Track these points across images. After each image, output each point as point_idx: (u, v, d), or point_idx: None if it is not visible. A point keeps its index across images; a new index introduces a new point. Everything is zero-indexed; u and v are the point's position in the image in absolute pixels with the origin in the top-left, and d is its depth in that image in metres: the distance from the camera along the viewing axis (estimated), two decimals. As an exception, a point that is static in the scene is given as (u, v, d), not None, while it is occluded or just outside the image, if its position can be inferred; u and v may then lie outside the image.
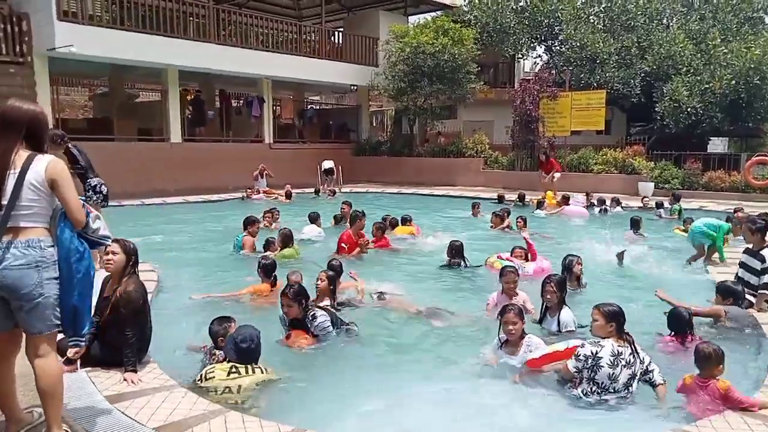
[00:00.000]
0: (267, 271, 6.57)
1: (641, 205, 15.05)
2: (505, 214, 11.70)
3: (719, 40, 20.48)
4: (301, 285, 5.27)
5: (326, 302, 5.81)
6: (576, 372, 3.98)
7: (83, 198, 3.48)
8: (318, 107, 27.59)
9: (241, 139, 21.48)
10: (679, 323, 5.04)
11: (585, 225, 12.92)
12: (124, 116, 19.35)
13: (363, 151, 24.14)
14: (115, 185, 16.58)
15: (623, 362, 3.93)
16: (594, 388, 3.93)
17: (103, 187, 7.44)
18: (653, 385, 4.04)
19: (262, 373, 4.18)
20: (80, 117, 25.05)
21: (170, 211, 14.50)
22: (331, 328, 5.02)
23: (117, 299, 4.06)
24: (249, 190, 17.24)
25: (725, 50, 19.79)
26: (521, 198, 15.84)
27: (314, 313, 4.96)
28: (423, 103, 21.73)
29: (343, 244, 8.74)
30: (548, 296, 5.25)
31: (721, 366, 3.85)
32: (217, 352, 4.43)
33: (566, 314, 5.20)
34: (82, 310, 3.10)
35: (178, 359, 4.74)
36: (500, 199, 15.90)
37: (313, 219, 10.79)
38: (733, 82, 18.67)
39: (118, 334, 4.08)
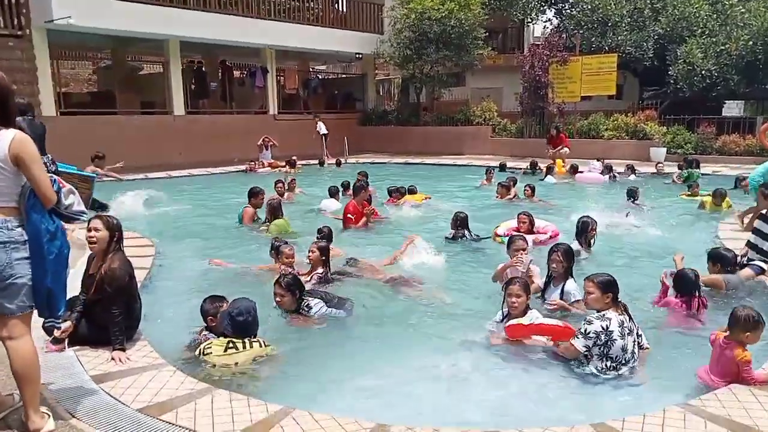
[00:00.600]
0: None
1: (655, 171, 14.70)
2: (511, 184, 11.45)
3: (736, 0, 19.74)
4: (296, 276, 5.15)
5: (320, 270, 5.70)
6: (586, 350, 3.83)
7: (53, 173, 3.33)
8: (323, 77, 27.16)
9: (245, 111, 21.21)
10: (686, 285, 4.89)
11: (599, 192, 12.61)
12: (126, 89, 19.12)
13: (369, 121, 23.81)
14: (118, 159, 16.61)
15: (627, 330, 3.83)
16: (610, 364, 3.80)
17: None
18: (640, 347, 3.98)
19: (261, 347, 4.09)
20: (84, 91, 24.93)
21: (173, 184, 14.36)
22: (329, 310, 4.91)
23: (102, 277, 3.94)
24: (252, 163, 17.01)
25: (743, 10, 19.10)
26: (533, 165, 15.49)
27: (308, 303, 4.85)
28: (429, 70, 21.26)
29: (349, 215, 8.61)
30: (554, 265, 5.04)
31: (750, 334, 3.57)
32: (209, 334, 4.32)
33: (571, 284, 5.01)
34: (57, 292, 2.97)
35: (172, 335, 4.59)
36: (502, 167, 15.51)
37: (333, 193, 10.68)
38: (751, 43, 18.02)
39: (104, 313, 3.97)
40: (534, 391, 3.74)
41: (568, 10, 22.86)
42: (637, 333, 3.93)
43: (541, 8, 23.53)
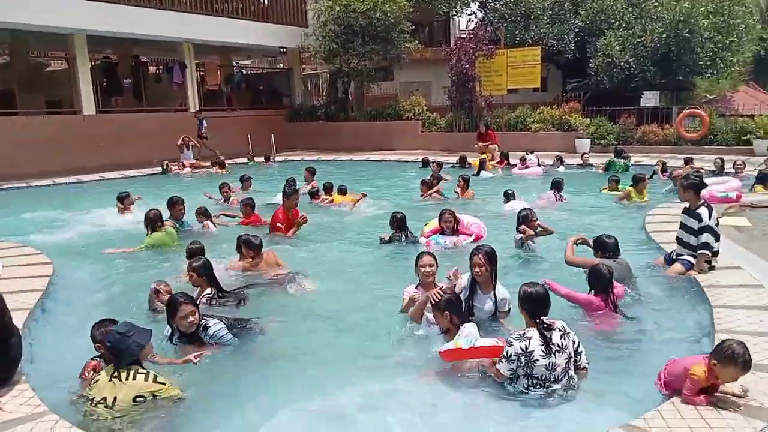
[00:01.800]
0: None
1: (581, 162, 14.95)
2: (434, 181, 11.11)
3: (650, -7, 20.49)
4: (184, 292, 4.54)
5: (207, 292, 5.13)
6: (511, 373, 3.55)
7: None
8: (247, 72, 26.19)
9: (163, 109, 20.04)
10: (600, 280, 4.74)
11: (534, 184, 12.60)
12: (28, 87, 17.60)
13: (297, 117, 23.15)
14: (22, 164, 15.21)
15: (557, 348, 3.51)
16: (535, 382, 3.52)
17: None
18: (576, 368, 3.64)
19: (146, 380, 3.43)
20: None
21: (83, 190, 13.31)
22: (228, 335, 4.33)
23: (-36, 314, 3.32)
24: (168, 163, 16.00)
25: (656, 3, 19.83)
26: (462, 160, 15.43)
27: (205, 323, 4.27)
28: (357, 64, 20.85)
29: (279, 224, 7.86)
30: (476, 270, 4.51)
31: (718, 364, 3.19)
32: (101, 362, 3.75)
33: (503, 291, 4.62)
34: None
35: (63, 372, 3.96)
36: (424, 163, 15.19)
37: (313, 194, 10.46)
38: (664, 35, 18.73)
39: (-30, 355, 3.35)
40: (465, 411, 3.47)
41: (492, 3, 23.06)
42: (575, 350, 3.63)
43: (466, 1, 23.59)
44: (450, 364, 3.86)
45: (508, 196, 9.61)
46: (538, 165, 14.51)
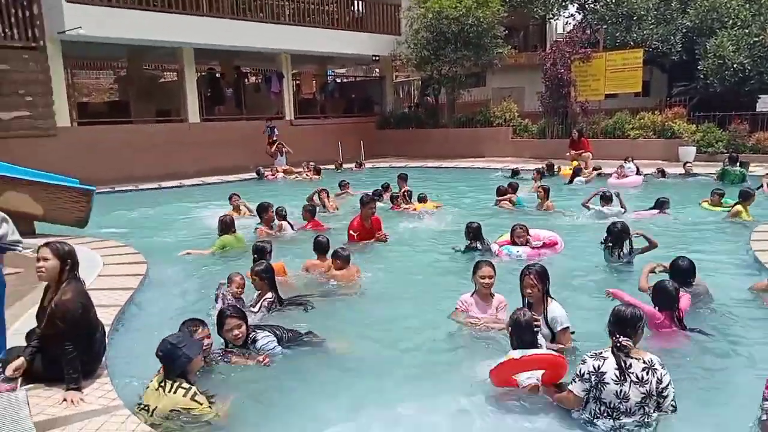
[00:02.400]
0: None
1: (684, 171, 13.94)
2: (509, 189, 10.77)
3: (770, -12, 18.77)
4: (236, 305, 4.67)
5: (269, 296, 5.28)
6: (585, 394, 3.35)
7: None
8: (340, 80, 26.85)
9: (261, 117, 21.00)
10: (667, 297, 4.48)
11: (635, 195, 11.87)
12: (142, 98, 19.13)
13: (388, 124, 23.41)
14: (133, 168, 16.61)
15: (634, 378, 3.26)
16: (603, 409, 3.30)
17: None
18: (659, 409, 3.32)
19: (184, 396, 3.42)
20: (105, 100, 25.15)
21: (184, 194, 14.21)
22: (278, 348, 4.37)
23: (53, 310, 3.62)
24: (262, 169, 16.71)
25: (777, -2, 18.12)
26: (550, 167, 14.89)
27: (254, 336, 4.33)
28: (448, 71, 20.75)
29: (351, 232, 7.96)
30: (528, 290, 4.38)
31: None
32: None
33: (556, 309, 4.36)
34: None
35: (144, 369, 4.22)
36: (514, 173, 14.73)
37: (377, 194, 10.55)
38: (786, 33, 17.06)
39: (58, 349, 3.66)
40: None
41: (592, 5, 22.08)
42: (659, 390, 3.30)
43: (563, 3, 22.79)
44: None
45: (606, 199, 9.19)
46: (638, 173, 13.65)
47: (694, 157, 15.68)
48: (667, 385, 3.31)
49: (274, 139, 18.30)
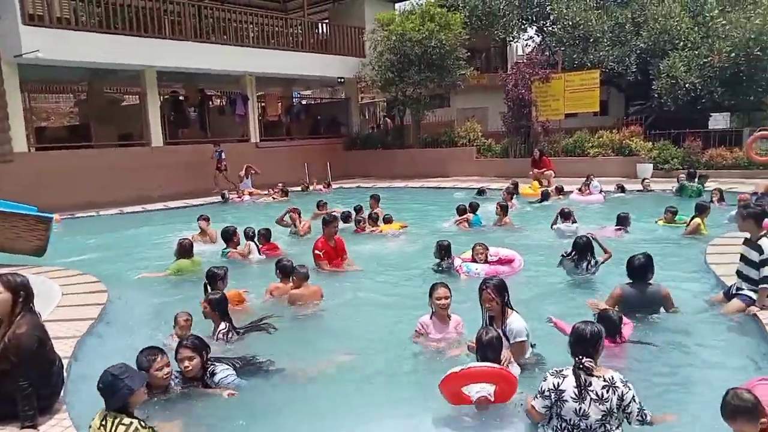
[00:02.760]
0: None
1: (642, 187, 14.37)
2: (468, 209, 10.87)
3: (717, 12, 19.66)
4: (199, 336, 4.46)
5: (222, 327, 5.10)
6: (546, 410, 3.40)
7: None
8: (306, 102, 26.93)
9: (226, 140, 20.83)
10: (611, 326, 4.53)
11: (597, 211, 12.19)
12: (103, 122, 18.80)
13: (354, 145, 23.54)
14: (94, 194, 16.26)
15: (593, 396, 3.31)
16: (564, 425, 3.35)
17: None
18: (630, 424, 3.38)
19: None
20: (64, 124, 24.64)
21: (147, 219, 13.96)
22: (237, 380, 4.28)
23: (6, 345, 3.50)
24: (227, 192, 16.51)
25: (723, 21, 18.94)
26: (515, 186, 15.12)
27: (213, 370, 4.23)
28: (412, 92, 21.03)
29: (317, 252, 7.84)
30: (486, 304, 4.43)
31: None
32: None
33: (514, 321, 4.39)
34: None
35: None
36: (480, 192, 14.97)
37: (345, 217, 10.66)
38: (733, 54, 17.83)
39: (12, 385, 3.53)
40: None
41: (550, 28, 22.74)
42: (622, 407, 3.33)
43: (522, 26, 23.42)
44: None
45: (566, 216, 9.36)
46: (600, 192, 14.01)
47: (651, 174, 16.20)
48: (630, 402, 3.35)
49: (224, 165, 17.76)
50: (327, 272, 7.63)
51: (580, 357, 3.40)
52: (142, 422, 3.34)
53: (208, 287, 5.79)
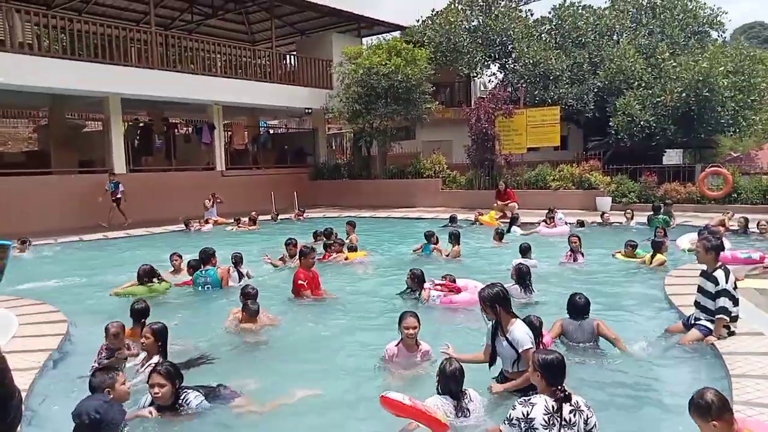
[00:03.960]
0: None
1: (602, 220, 14.78)
2: (432, 237, 10.85)
3: (668, 54, 20.76)
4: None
5: (154, 360, 4.73)
6: None
7: None
8: (273, 132, 26.97)
9: (191, 168, 20.67)
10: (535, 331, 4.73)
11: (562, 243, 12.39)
12: (64, 148, 18.41)
13: (321, 175, 23.63)
14: (52, 220, 15.76)
15: (563, 422, 3.38)
16: None
17: None
18: None
19: None
20: (23, 150, 24.01)
21: (107, 246, 13.62)
22: (207, 404, 4.23)
23: (-37, 377, 3.36)
24: (190, 220, 16.19)
25: (674, 63, 20.01)
26: (477, 219, 15.46)
27: (186, 397, 4.15)
28: (379, 124, 21.35)
29: (300, 281, 7.68)
30: (485, 315, 4.62)
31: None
32: None
33: (516, 330, 4.41)
34: None
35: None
36: (452, 219, 15.14)
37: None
38: (684, 94, 18.81)
39: (-31, 418, 3.38)
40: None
41: (512, 65, 23.55)
42: (587, 430, 3.41)
43: (486, 63, 24.17)
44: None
45: (524, 251, 9.39)
46: (566, 224, 14.34)
47: (610, 207, 16.73)
48: (593, 427, 3.43)
49: (119, 196, 16.50)
50: (308, 300, 7.62)
51: (558, 387, 3.45)
52: None
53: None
